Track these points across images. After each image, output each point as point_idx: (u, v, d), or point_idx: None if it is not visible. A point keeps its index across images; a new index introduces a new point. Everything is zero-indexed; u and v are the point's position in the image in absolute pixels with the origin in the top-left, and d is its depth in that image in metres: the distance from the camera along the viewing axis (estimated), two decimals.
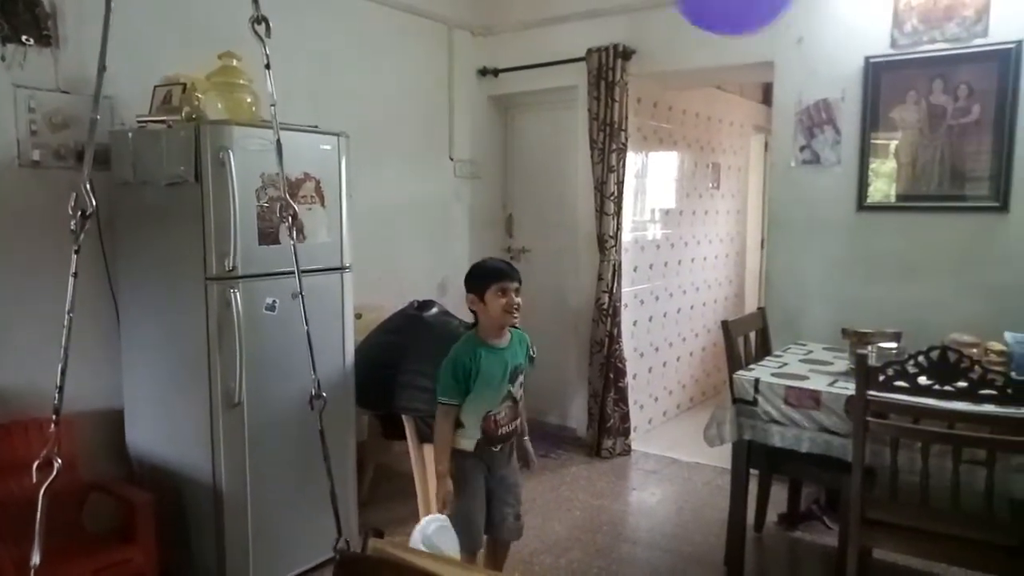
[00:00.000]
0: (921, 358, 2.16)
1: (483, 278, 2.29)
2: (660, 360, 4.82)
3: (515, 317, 2.29)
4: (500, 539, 2.43)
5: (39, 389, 2.59)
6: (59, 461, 0.97)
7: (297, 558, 2.74)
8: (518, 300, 2.28)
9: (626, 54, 4.01)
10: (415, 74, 4.24)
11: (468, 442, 2.31)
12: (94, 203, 0.99)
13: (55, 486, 1.07)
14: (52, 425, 0.97)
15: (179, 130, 2.47)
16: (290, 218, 1.33)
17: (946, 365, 2.13)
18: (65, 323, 0.99)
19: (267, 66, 1.27)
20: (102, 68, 1.00)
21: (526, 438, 2.53)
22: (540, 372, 3.62)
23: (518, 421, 2.41)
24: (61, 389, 0.97)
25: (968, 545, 2.17)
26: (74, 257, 0.99)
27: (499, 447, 2.35)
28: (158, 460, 2.71)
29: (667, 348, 4.90)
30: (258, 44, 1.29)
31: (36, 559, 0.94)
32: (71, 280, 0.99)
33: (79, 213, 0.98)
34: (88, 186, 0.99)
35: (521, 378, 2.37)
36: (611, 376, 4.15)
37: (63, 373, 0.97)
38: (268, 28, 1.26)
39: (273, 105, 1.31)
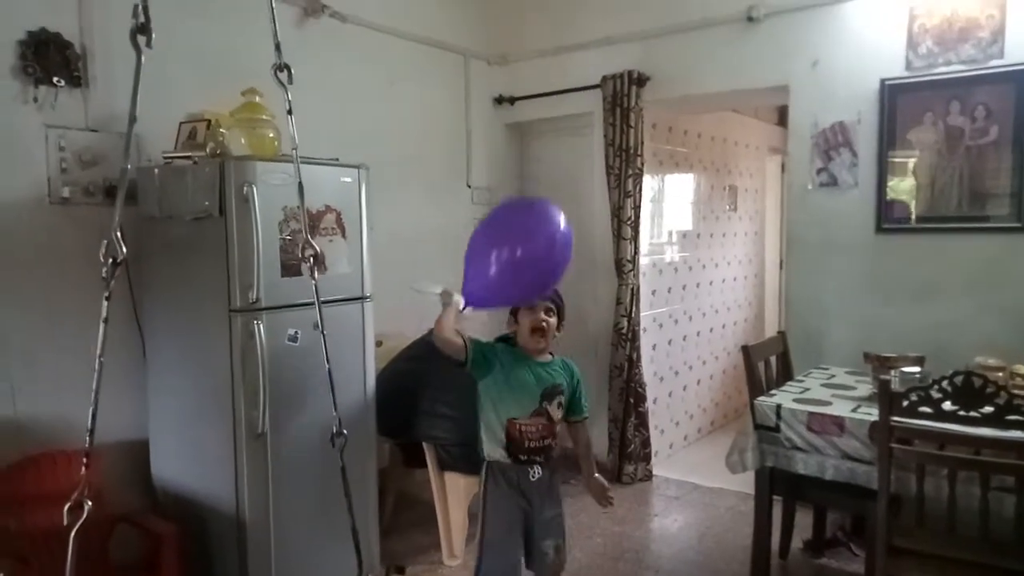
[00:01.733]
0: (945, 383, 2.14)
1: None
2: (680, 384, 4.79)
3: (542, 338, 2.26)
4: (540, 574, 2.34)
5: (67, 421, 2.64)
6: (90, 504, 0.99)
7: None
8: (546, 319, 2.26)
9: (641, 80, 4.05)
10: (433, 104, 4.30)
11: (496, 449, 2.25)
12: (124, 251, 1.03)
13: (85, 522, 1.09)
14: (83, 468, 1.00)
15: (204, 166, 2.53)
16: (312, 258, 1.36)
17: (971, 390, 2.11)
18: (95, 367, 1.01)
19: (289, 112, 1.31)
20: (133, 119, 1.04)
21: (596, 475, 2.40)
22: None
23: (552, 441, 2.30)
24: (92, 432, 1.00)
25: (997, 573, 2.12)
26: (104, 304, 1.02)
27: (532, 468, 2.25)
28: (182, 491, 2.73)
29: (687, 372, 4.87)
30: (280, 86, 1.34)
31: None
32: (102, 326, 1.02)
33: (110, 260, 1.02)
34: (119, 234, 1.02)
35: (561, 400, 2.29)
36: (631, 401, 4.13)
37: (94, 417, 1.00)
38: (290, 75, 1.30)
39: (295, 149, 1.34)
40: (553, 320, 2.29)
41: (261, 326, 2.50)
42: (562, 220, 2.28)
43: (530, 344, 2.28)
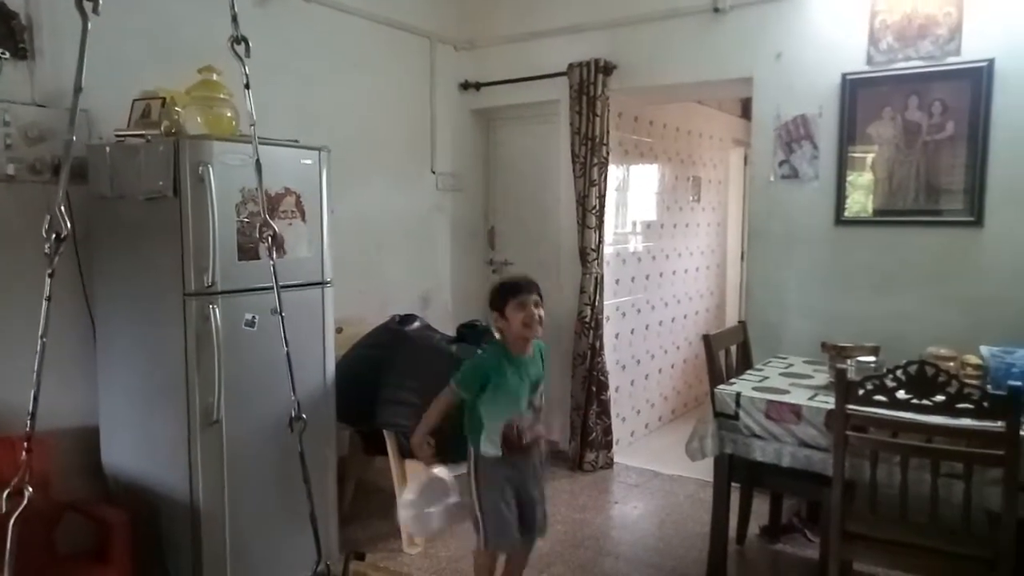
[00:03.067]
0: (899, 372, 2.18)
1: (502, 295, 2.38)
2: (642, 373, 4.83)
3: (535, 329, 2.35)
4: (529, 538, 2.50)
5: (10, 406, 2.54)
6: (30, 490, 0.95)
7: None
8: (538, 312, 2.35)
9: (607, 69, 4.04)
10: (397, 88, 4.24)
11: (493, 448, 2.36)
12: (68, 226, 0.98)
13: (26, 509, 1.05)
14: (24, 453, 0.95)
15: (158, 144, 2.45)
16: (269, 238, 1.32)
17: (924, 379, 2.15)
18: (38, 348, 0.97)
19: (247, 86, 1.26)
20: (78, 88, 0.99)
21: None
22: None
23: (540, 428, 2.47)
24: (33, 416, 0.95)
25: (946, 557, 2.19)
26: (47, 280, 0.97)
27: (523, 460, 2.40)
28: (134, 478, 2.66)
29: (649, 361, 4.91)
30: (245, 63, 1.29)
31: None
32: (44, 304, 0.97)
33: (53, 236, 0.97)
34: (62, 208, 0.97)
35: (542, 388, 2.45)
36: (593, 389, 4.15)
37: (35, 400, 0.95)
38: (248, 48, 1.25)
39: (252, 125, 1.30)
40: (542, 313, 2.38)
41: (217, 310, 2.44)
42: None
43: (524, 335, 2.36)
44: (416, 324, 3.31)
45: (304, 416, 1.39)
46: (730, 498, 2.83)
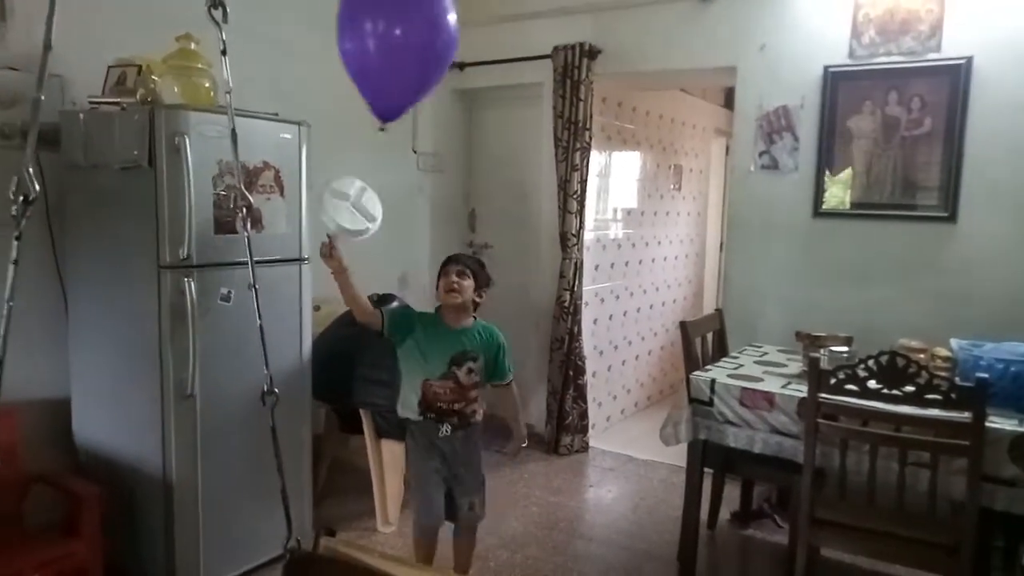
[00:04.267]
0: (871, 362, 2.21)
1: (440, 267, 2.49)
2: (619, 358, 4.86)
3: (454, 296, 2.39)
4: (456, 526, 2.54)
5: None
6: None
7: (249, 553, 2.69)
8: (461, 281, 2.39)
9: (592, 53, 4.02)
10: None
11: (410, 408, 2.41)
12: (37, 188, 0.95)
13: None
14: None
15: (133, 113, 2.40)
16: (244, 209, 1.30)
17: (895, 370, 2.19)
18: (3, 312, 0.94)
19: (223, 52, 1.24)
20: (47, 46, 0.96)
21: (523, 444, 2.61)
22: None
23: (468, 408, 2.43)
24: None
25: (911, 544, 2.23)
26: (15, 244, 0.95)
27: (442, 425, 2.40)
28: (106, 451, 2.63)
29: (626, 347, 4.94)
30: (225, 32, 1.26)
31: None
32: (11, 268, 0.95)
33: (21, 198, 0.94)
34: (31, 170, 0.95)
35: (472, 365, 2.40)
36: (571, 373, 4.17)
37: (1, 364, 0.93)
38: (225, 13, 1.23)
39: (228, 92, 1.28)
40: (467, 282, 2.41)
41: (192, 284, 2.41)
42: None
43: (445, 302, 2.41)
44: (394, 304, 3.28)
45: (276, 391, 1.37)
46: (703, 483, 2.86)
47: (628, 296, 4.91)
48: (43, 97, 0.99)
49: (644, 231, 5.04)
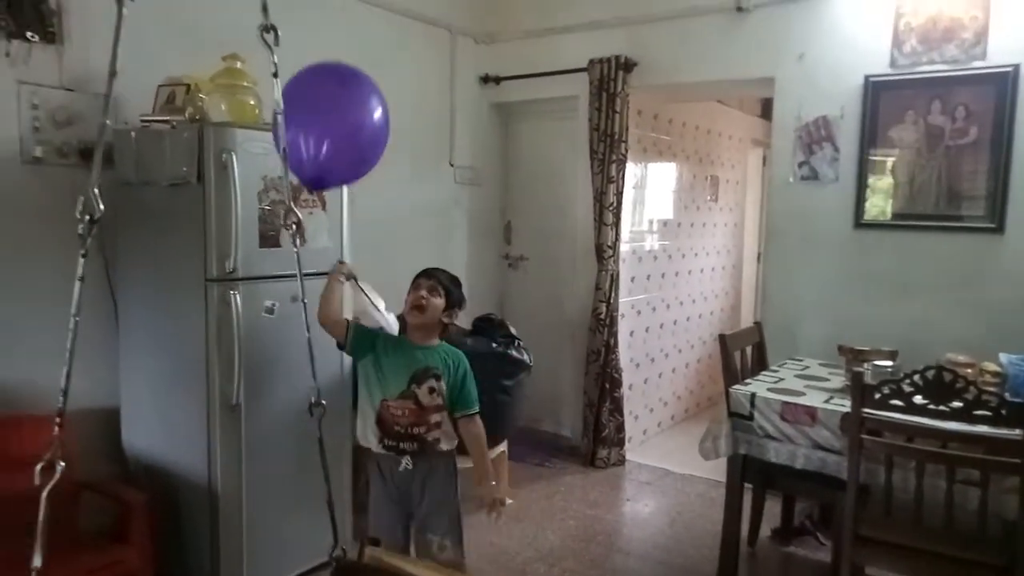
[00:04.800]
0: (917, 377, 2.17)
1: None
2: (656, 371, 4.83)
3: (421, 314, 2.26)
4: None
5: (35, 386, 2.59)
6: (62, 464, 0.97)
7: (291, 561, 2.73)
8: (427, 297, 2.26)
9: (628, 66, 4.03)
10: (418, 80, 4.25)
11: (367, 434, 2.27)
12: (102, 208, 1.00)
13: (37, 484, 1.06)
14: (56, 428, 0.97)
15: (183, 131, 2.48)
16: (294, 225, 1.33)
17: (942, 385, 2.14)
18: (70, 327, 0.99)
19: (275, 74, 1.28)
20: (113, 73, 1.01)
21: (493, 482, 2.32)
22: (535, 380, 3.63)
23: (429, 435, 2.23)
24: (66, 393, 0.97)
25: (960, 564, 2.18)
26: (81, 261, 0.99)
27: (402, 458, 2.22)
28: (154, 460, 2.70)
29: (663, 359, 4.91)
30: (265, 51, 1.30)
31: (38, 562, 0.94)
32: (77, 284, 0.99)
33: (87, 218, 0.98)
34: (97, 191, 0.99)
35: (434, 384, 2.22)
36: (607, 386, 4.15)
37: (68, 377, 0.97)
38: (277, 37, 1.27)
39: (279, 113, 1.31)
40: (437, 300, 2.27)
41: (238, 296, 2.47)
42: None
43: (409, 319, 2.29)
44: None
45: (324, 402, 1.40)
46: (743, 499, 2.83)
47: (664, 308, 4.88)
48: (109, 122, 1.03)
49: (680, 242, 5.02)
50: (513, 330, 3.58)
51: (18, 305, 2.59)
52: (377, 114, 2.29)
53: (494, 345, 3.40)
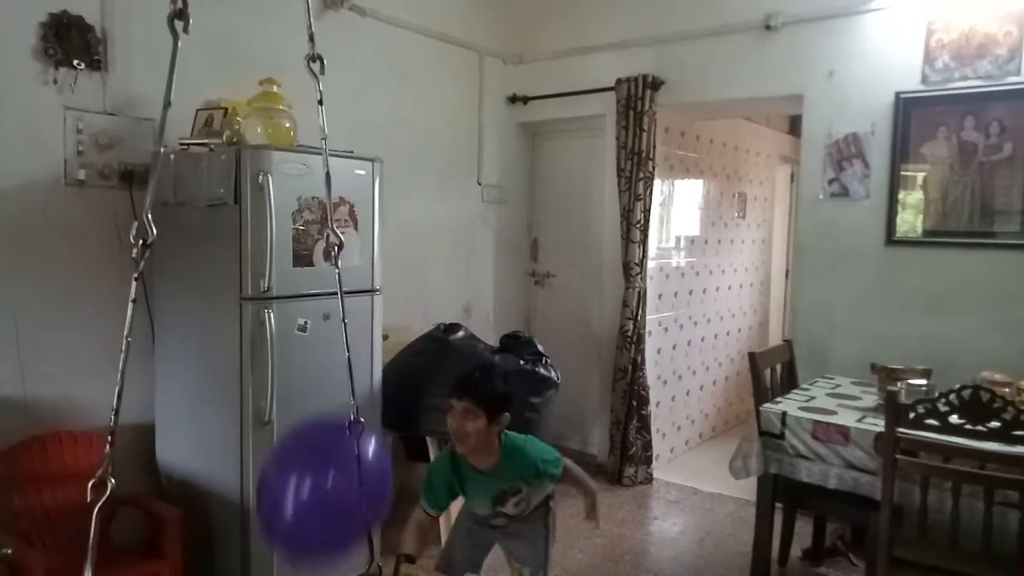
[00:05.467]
0: (953, 396, 2.15)
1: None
2: (683, 389, 4.80)
3: (463, 444, 2.01)
4: None
5: (74, 402, 2.66)
6: (113, 481, 1.00)
7: None
8: (462, 424, 1.98)
9: (655, 84, 4.05)
10: (446, 100, 4.31)
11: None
12: (154, 232, 1.03)
13: (89, 501, 1.09)
14: (107, 446, 1.01)
15: (220, 153, 2.54)
16: (336, 248, 1.37)
17: (978, 404, 2.11)
18: (123, 347, 1.02)
19: (320, 102, 1.32)
20: (167, 104, 1.05)
21: (593, 504, 2.35)
22: (562, 398, 3.63)
23: (522, 517, 2.21)
24: (117, 412, 1.01)
25: None
26: (134, 284, 1.03)
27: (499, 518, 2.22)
28: (187, 475, 2.75)
29: (690, 377, 4.88)
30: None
31: (88, 575, 0.97)
32: (130, 306, 1.03)
33: (140, 242, 1.02)
34: (149, 216, 1.03)
35: (518, 499, 2.14)
36: (634, 403, 4.14)
37: (119, 396, 1.01)
38: (323, 66, 1.31)
39: (324, 139, 1.35)
40: (473, 425, 1.98)
41: (271, 315, 2.51)
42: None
43: (459, 450, 2.07)
44: (460, 333, 3.35)
45: (362, 420, 1.43)
46: (773, 519, 2.80)
47: (692, 325, 4.86)
48: (161, 149, 1.07)
49: (708, 259, 5.00)
50: (541, 347, 3.59)
51: (56, 322, 2.66)
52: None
53: (521, 363, 3.41)
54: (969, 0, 3.24)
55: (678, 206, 4.65)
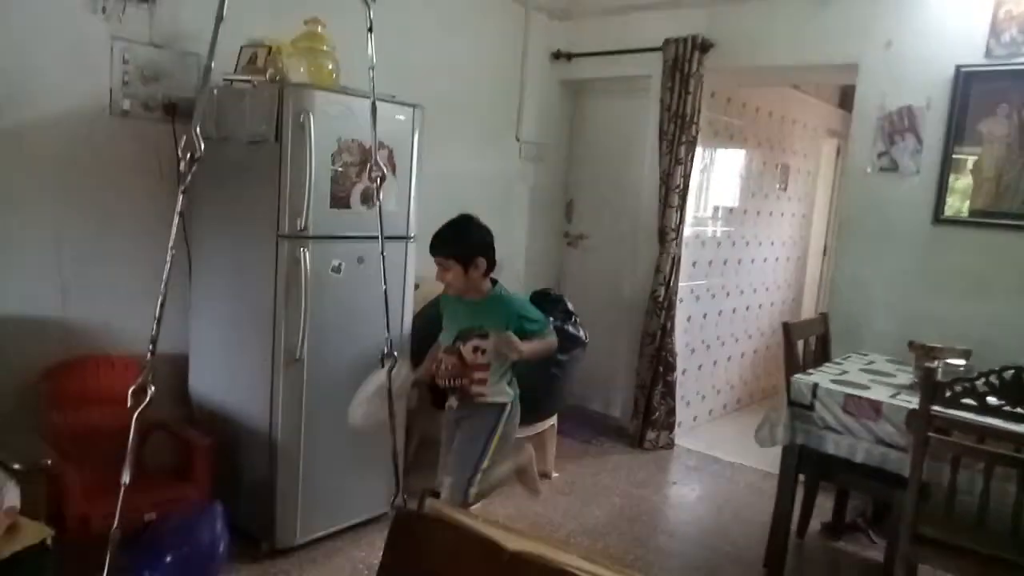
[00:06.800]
0: (993, 377, 2.09)
1: None
2: (711, 358, 4.77)
3: (450, 289, 2.40)
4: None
5: (112, 326, 2.72)
6: (153, 388, 1.02)
7: (346, 512, 2.83)
8: (443, 276, 2.37)
9: (704, 47, 3.95)
10: (489, 52, 4.25)
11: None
12: (202, 147, 1.04)
13: (124, 420, 1.12)
14: (149, 354, 1.02)
15: (263, 90, 2.54)
16: (379, 179, 1.36)
17: (1019, 386, 2.06)
18: (168, 259, 1.04)
19: (370, 29, 1.30)
20: (220, 18, 1.04)
21: (516, 350, 2.32)
22: (589, 358, 3.62)
23: (472, 388, 2.40)
24: (159, 321, 1.03)
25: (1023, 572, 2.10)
26: (180, 197, 1.04)
27: (452, 398, 2.49)
28: (218, 406, 2.81)
29: (719, 347, 4.84)
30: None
31: (127, 478, 1.00)
32: (176, 218, 1.04)
33: (188, 155, 1.03)
34: (199, 130, 1.03)
35: (477, 343, 2.36)
36: (660, 369, 4.12)
37: (162, 306, 1.02)
38: None
39: (372, 68, 1.34)
40: (451, 273, 2.34)
41: (307, 254, 2.53)
42: None
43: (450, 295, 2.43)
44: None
45: (396, 353, 1.43)
46: (796, 490, 2.78)
47: (724, 295, 4.81)
48: (208, 81, 1.07)
49: (745, 230, 4.92)
50: (571, 306, 3.58)
51: (97, 249, 2.71)
52: None
53: (551, 320, 3.40)
54: None
55: (719, 174, 4.57)
